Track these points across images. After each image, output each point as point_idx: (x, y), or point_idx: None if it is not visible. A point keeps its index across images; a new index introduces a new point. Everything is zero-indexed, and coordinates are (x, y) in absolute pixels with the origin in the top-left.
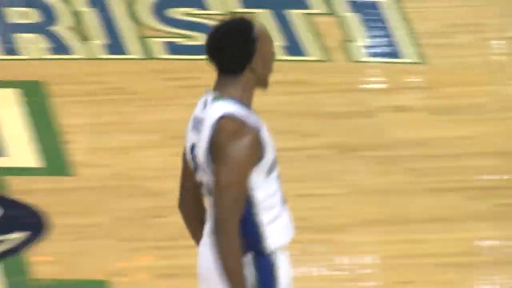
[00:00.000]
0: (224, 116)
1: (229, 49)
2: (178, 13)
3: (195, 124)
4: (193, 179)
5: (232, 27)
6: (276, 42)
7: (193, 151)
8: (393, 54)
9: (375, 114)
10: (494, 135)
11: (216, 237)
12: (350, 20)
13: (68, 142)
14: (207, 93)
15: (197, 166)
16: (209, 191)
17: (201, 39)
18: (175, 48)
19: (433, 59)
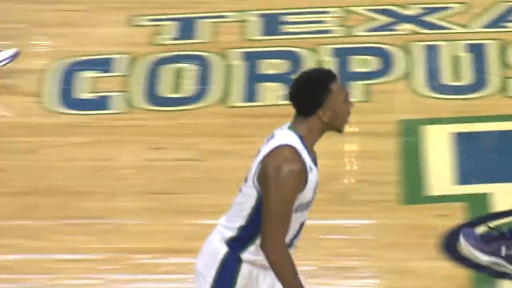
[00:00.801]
0: (284, 144)
1: (301, 96)
2: None
3: (268, 138)
4: None
5: (310, 78)
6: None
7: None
8: None
9: None
10: None
11: (270, 259)
12: None
13: None
14: (283, 125)
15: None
16: (241, 191)
17: None
18: None
19: None
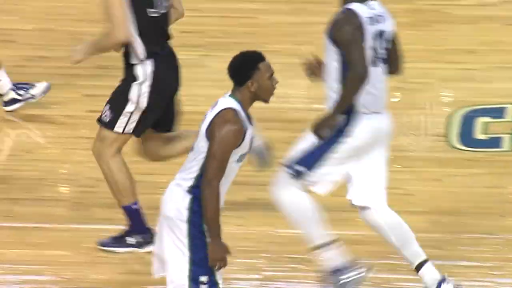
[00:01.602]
0: (227, 107)
1: (233, 69)
2: None
3: (212, 105)
4: None
5: (244, 56)
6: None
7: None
8: None
9: None
10: None
11: (203, 192)
12: None
13: None
14: (225, 94)
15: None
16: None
17: None
18: None
19: None
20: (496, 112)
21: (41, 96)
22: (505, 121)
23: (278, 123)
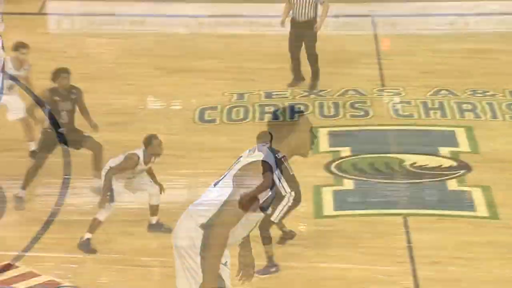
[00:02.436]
0: (261, 160)
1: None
2: None
3: (250, 150)
4: None
5: (286, 109)
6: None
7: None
8: None
9: None
10: None
11: (207, 235)
12: None
13: None
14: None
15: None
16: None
17: None
18: None
19: None
20: None
21: None
22: None
23: None
